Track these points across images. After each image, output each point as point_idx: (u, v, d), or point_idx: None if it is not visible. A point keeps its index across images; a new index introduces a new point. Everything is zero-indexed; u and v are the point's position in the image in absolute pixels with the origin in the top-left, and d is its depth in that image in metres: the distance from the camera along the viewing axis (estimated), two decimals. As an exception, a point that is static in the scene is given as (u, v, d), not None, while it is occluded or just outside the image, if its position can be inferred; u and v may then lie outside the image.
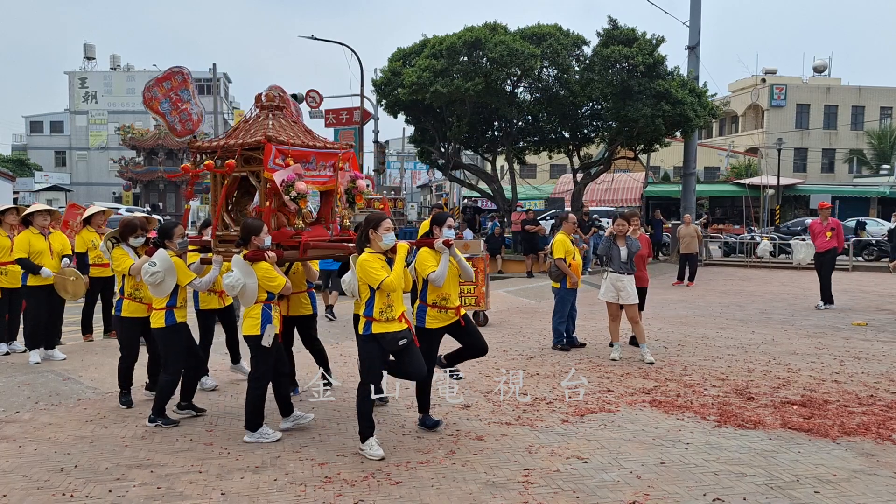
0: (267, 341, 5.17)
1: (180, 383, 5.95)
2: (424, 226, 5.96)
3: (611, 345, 8.68)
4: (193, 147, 5.96)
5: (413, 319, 5.46)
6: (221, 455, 5.00)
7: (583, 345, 9.13)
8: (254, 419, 5.26)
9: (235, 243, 5.40)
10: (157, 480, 4.51)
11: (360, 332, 5.06)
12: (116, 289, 6.24)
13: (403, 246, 5.09)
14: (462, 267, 5.51)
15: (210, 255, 5.76)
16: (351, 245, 5.52)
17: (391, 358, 5.14)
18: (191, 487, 4.41)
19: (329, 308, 10.91)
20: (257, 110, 5.90)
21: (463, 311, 5.63)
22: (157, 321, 5.65)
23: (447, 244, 5.31)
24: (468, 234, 18.55)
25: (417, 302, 5.57)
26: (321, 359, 6.43)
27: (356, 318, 5.63)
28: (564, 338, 8.97)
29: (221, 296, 6.68)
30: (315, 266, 6.39)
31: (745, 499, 4.27)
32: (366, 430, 4.99)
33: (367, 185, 6.21)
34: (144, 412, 6.00)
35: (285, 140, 5.46)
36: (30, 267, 7.47)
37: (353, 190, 6.04)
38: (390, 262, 5.01)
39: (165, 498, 4.26)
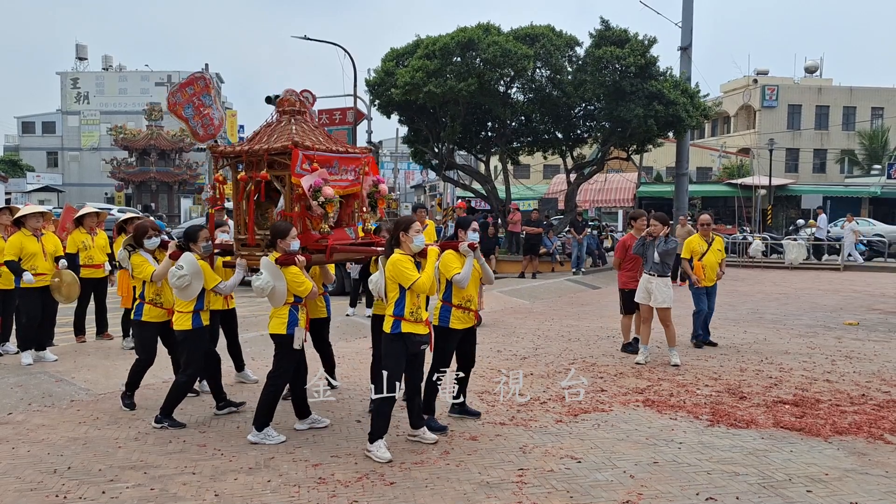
0: (297, 343, 5.24)
1: (210, 389, 6.01)
2: (430, 230, 5.99)
3: (629, 348, 8.76)
4: (216, 152, 5.94)
5: (435, 320, 5.56)
6: (215, 456, 5.00)
7: (714, 344, 9.33)
8: (264, 417, 5.25)
9: (264, 245, 5.41)
10: (151, 482, 4.51)
11: (388, 330, 5.06)
12: (136, 294, 6.13)
13: (434, 250, 5.19)
14: (484, 270, 5.73)
15: (231, 258, 5.77)
16: (377, 248, 5.62)
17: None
18: (184, 489, 4.41)
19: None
20: (278, 115, 5.89)
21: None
22: (184, 323, 5.57)
23: (472, 247, 5.47)
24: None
25: (440, 303, 5.64)
26: (328, 362, 6.48)
27: (376, 318, 5.75)
28: (700, 334, 9.33)
29: (227, 298, 6.64)
30: (332, 270, 6.43)
31: (737, 498, 4.30)
32: (378, 431, 4.99)
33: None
34: (139, 414, 6.00)
35: (310, 145, 5.48)
36: (15, 270, 7.42)
37: (376, 194, 6.10)
38: (417, 265, 5.07)
39: (159, 499, 4.25)
